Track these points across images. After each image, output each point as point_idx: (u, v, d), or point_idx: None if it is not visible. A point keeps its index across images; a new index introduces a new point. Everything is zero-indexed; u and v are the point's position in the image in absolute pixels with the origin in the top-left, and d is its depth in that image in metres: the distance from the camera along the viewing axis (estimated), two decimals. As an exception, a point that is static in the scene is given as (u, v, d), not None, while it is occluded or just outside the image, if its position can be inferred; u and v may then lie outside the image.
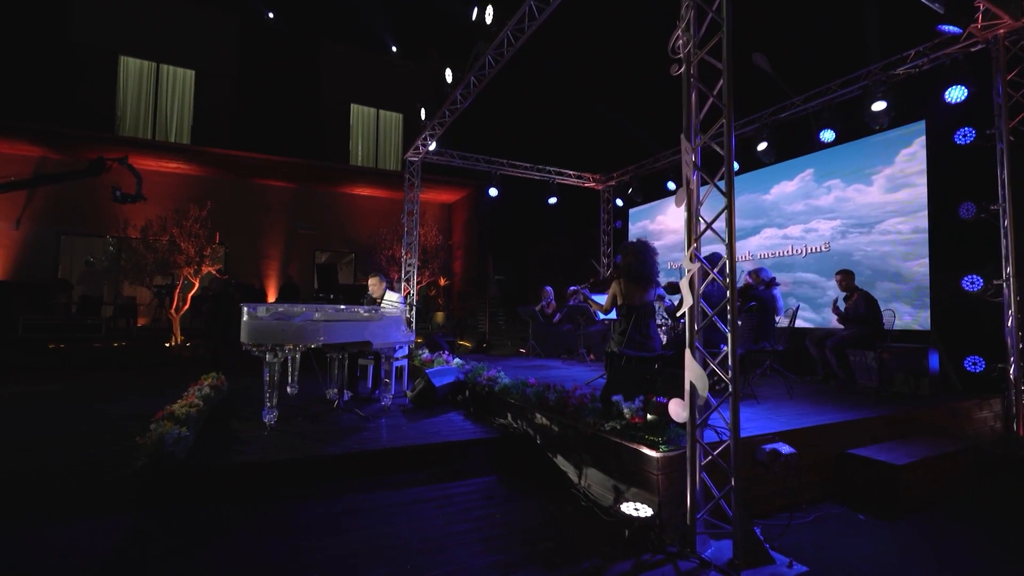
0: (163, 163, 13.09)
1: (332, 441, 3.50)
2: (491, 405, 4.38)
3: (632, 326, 3.69)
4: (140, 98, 13.47)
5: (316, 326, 3.77)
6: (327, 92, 15.38)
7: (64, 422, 4.40)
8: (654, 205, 9.92)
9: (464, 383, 4.97)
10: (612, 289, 3.91)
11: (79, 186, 12.49)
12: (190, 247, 9.29)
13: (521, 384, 4.04)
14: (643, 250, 3.80)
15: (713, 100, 2.65)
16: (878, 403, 4.10)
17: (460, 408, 4.73)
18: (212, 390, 4.59)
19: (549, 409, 3.50)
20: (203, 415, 3.86)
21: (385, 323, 4.43)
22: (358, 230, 14.96)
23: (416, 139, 8.03)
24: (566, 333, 8.06)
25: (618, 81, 10.30)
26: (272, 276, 14.55)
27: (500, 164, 9.35)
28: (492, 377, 4.49)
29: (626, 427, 2.78)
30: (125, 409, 4.86)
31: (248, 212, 14.07)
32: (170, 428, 3.02)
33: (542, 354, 8.16)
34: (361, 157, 15.68)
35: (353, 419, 4.18)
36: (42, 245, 12.24)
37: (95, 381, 6.98)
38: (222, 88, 14.17)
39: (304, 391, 5.26)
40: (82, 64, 12.75)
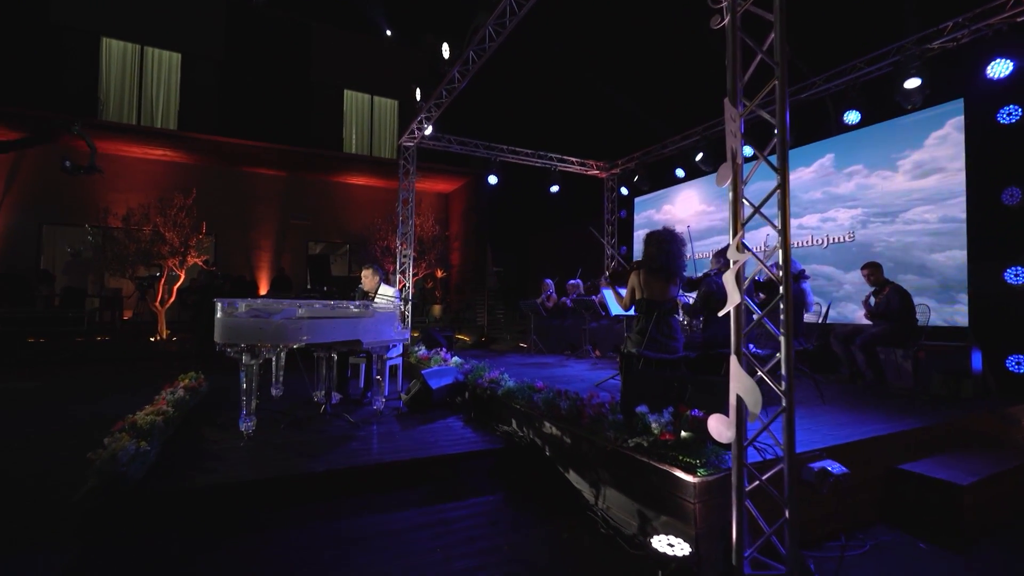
0: (148, 150, 12.56)
1: (316, 454, 3.10)
2: (494, 410, 3.99)
3: (653, 324, 3.29)
4: (124, 82, 12.88)
5: (299, 324, 3.36)
6: (319, 77, 14.80)
7: (25, 426, 3.99)
8: (661, 194, 9.49)
9: (464, 384, 4.59)
10: (631, 282, 3.51)
11: (62, 174, 11.99)
12: (175, 237, 8.82)
13: (527, 388, 3.65)
14: (668, 240, 3.39)
15: (762, 57, 2.22)
16: (919, 408, 3.72)
17: (459, 412, 4.34)
18: (187, 392, 4.19)
19: (561, 418, 3.11)
20: (173, 423, 3.46)
21: (378, 320, 4.02)
22: (352, 220, 14.50)
23: (412, 123, 7.56)
24: (569, 328, 7.67)
25: (625, 61, 9.81)
26: (264, 268, 14.09)
27: (500, 150, 8.89)
28: (495, 379, 4.10)
29: (655, 444, 2.39)
30: (97, 410, 4.45)
31: (238, 201, 13.57)
32: (126, 443, 2.61)
33: (544, 350, 7.77)
34: (355, 145, 15.15)
35: (342, 426, 3.79)
36: (23, 235, 11.74)
37: (73, 378, 6.57)
38: (209, 72, 13.59)
39: (290, 391, 4.86)
40: (63, 46, 12.15)
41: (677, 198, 9.12)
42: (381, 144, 15.57)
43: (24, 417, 4.30)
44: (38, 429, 3.91)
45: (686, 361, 3.40)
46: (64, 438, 3.65)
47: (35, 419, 4.22)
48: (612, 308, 4.37)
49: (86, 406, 4.74)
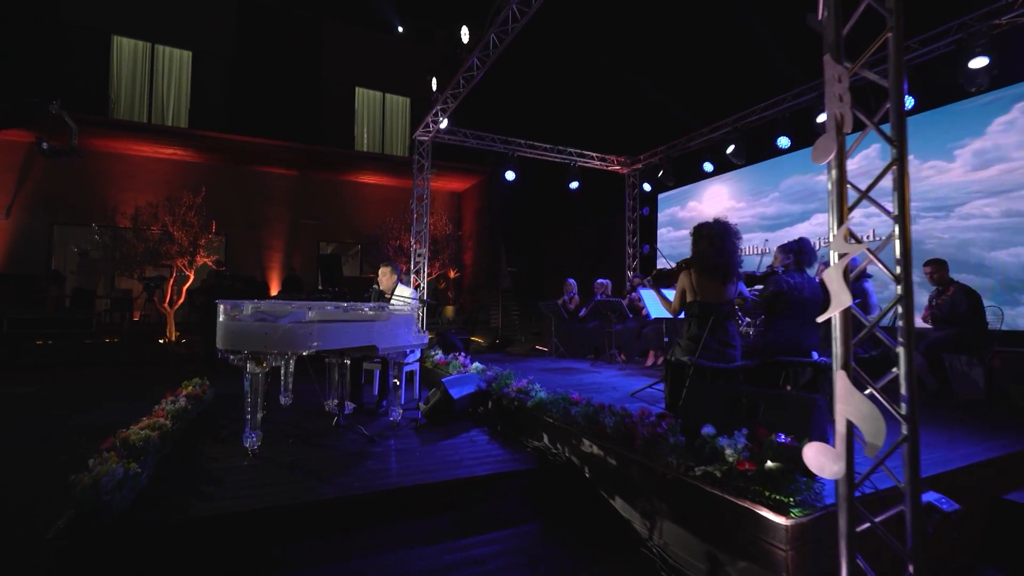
0: (159, 148, 12.40)
1: (328, 475, 2.75)
2: (523, 424, 3.62)
3: (708, 330, 2.89)
4: (135, 80, 12.75)
5: (309, 329, 3.01)
6: (330, 74, 14.57)
7: (13, 438, 3.69)
8: (686, 190, 9.06)
9: (487, 393, 4.22)
10: (681, 283, 3.12)
11: (73, 174, 11.89)
12: (183, 236, 8.57)
13: (562, 400, 3.27)
14: (721, 233, 2.99)
15: (870, 4, 1.81)
16: (1011, 424, 3.28)
17: (482, 423, 3.97)
18: (189, 401, 3.87)
19: (605, 437, 2.72)
20: (170, 438, 3.13)
21: (394, 323, 3.67)
22: (364, 220, 14.22)
23: (426, 115, 7.22)
24: (593, 331, 7.27)
25: (650, 50, 9.37)
26: (275, 268, 13.88)
27: (517, 145, 8.53)
28: (523, 389, 3.73)
29: (730, 475, 2.00)
30: (95, 419, 4.14)
31: (249, 201, 13.38)
32: (113, 466, 2.28)
33: (566, 354, 7.38)
34: (367, 143, 14.90)
35: (356, 440, 3.44)
36: (34, 235, 11.62)
37: (76, 382, 6.31)
38: (219, 70, 13.42)
39: (300, 400, 4.54)
40: (73, 44, 12.04)
41: (704, 194, 8.68)
42: (393, 142, 15.30)
43: (14, 426, 4.02)
44: (27, 441, 3.62)
45: (744, 371, 3.00)
46: (53, 452, 3.34)
47: (26, 429, 3.93)
48: (652, 310, 3.98)
49: (84, 414, 4.44)
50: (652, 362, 6.30)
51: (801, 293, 3.15)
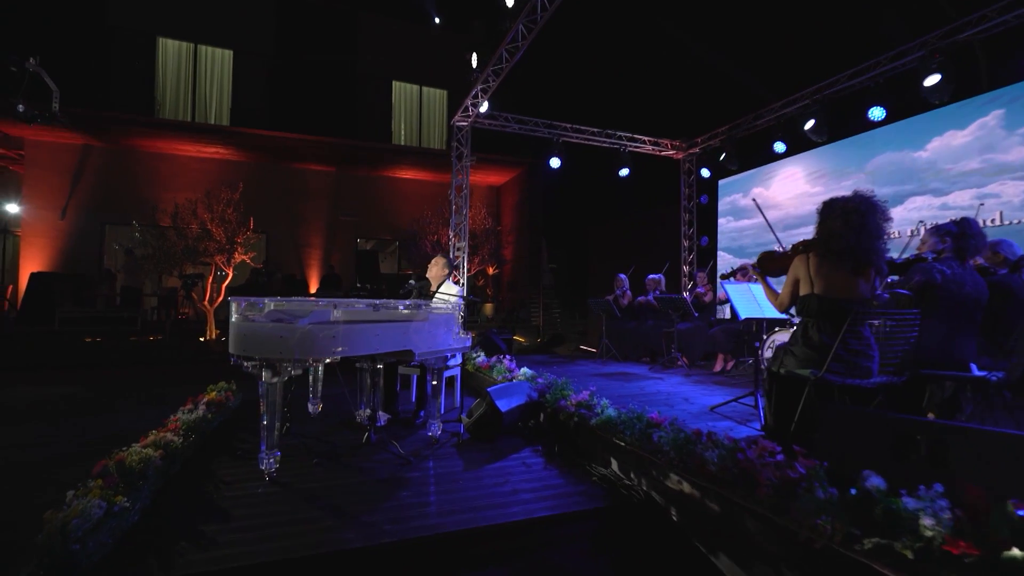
0: (201, 147, 12.51)
1: (353, 511, 2.25)
2: (585, 445, 3.01)
3: (839, 337, 2.19)
4: (179, 80, 12.93)
5: (331, 332, 2.52)
6: (366, 68, 14.38)
7: (25, 446, 3.40)
8: (751, 174, 8.16)
9: (538, 404, 3.64)
10: (794, 271, 2.43)
11: (122, 175, 12.16)
12: (221, 233, 8.42)
13: (637, 420, 2.65)
14: (862, 209, 2.28)
15: None
16: None
17: (534, 440, 3.40)
18: (210, 410, 3.48)
19: (705, 475, 2.08)
20: (179, 456, 2.71)
21: (433, 324, 3.15)
22: (401, 216, 13.94)
23: (465, 98, 6.70)
24: (650, 331, 6.57)
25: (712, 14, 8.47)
26: (314, 266, 13.81)
27: (563, 129, 7.89)
28: (585, 403, 3.12)
29: (927, 556, 1.33)
30: (117, 426, 3.83)
31: (288, 199, 13.35)
32: (90, 503, 1.84)
33: (618, 356, 6.70)
34: (404, 137, 14.64)
35: (390, 461, 2.93)
36: (87, 235, 11.93)
37: (116, 381, 6.17)
38: (259, 67, 13.44)
39: (330, 406, 4.11)
40: (120, 47, 12.29)
41: (774, 178, 7.76)
42: (430, 136, 14.98)
43: (32, 432, 3.75)
44: (36, 452, 3.31)
45: (886, 388, 2.28)
46: (58, 467, 2.99)
47: (42, 435, 3.64)
48: (743, 309, 3.28)
49: (113, 417, 4.16)
50: (721, 367, 5.55)
51: (961, 288, 2.39)
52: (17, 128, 11.10)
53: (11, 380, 5.93)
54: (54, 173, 11.65)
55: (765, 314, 3.31)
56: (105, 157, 12.05)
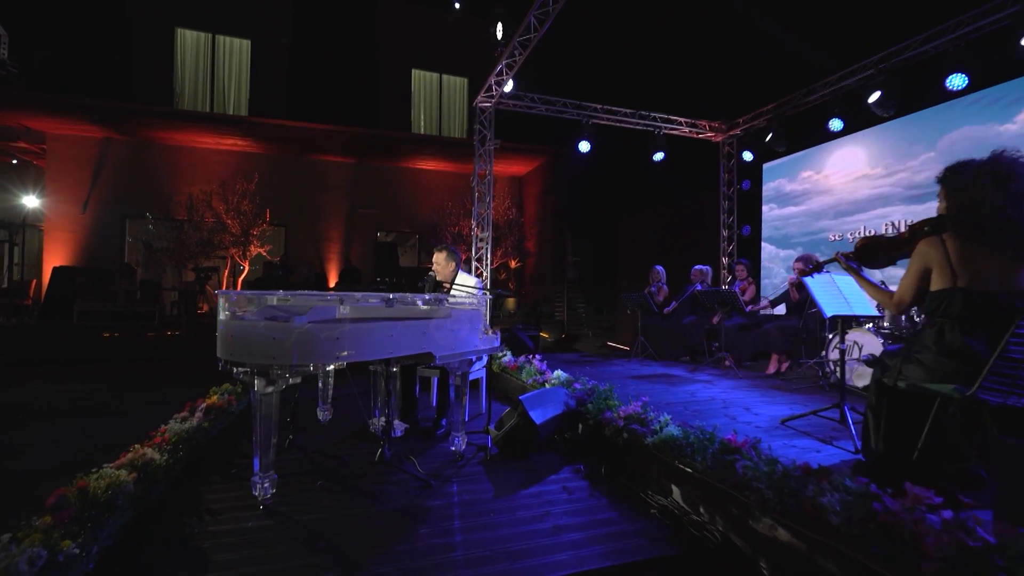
0: (220, 139, 12.30)
1: (360, 557, 1.80)
2: (638, 466, 2.52)
3: (1002, 343, 1.64)
4: (198, 71, 12.77)
5: (334, 332, 2.07)
6: (386, 57, 14.02)
7: (11, 455, 3.08)
8: (800, 157, 7.46)
9: (576, 413, 3.16)
10: (921, 258, 1.88)
11: (143, 168, 12.07)
12: (235, 225, 8.13)
13: (707, 441, 2.14)
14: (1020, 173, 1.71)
15: None
16: None
17: (572, 457, 2.92)
18: (208, 417, 3.10)
19: (817, 524, 1.56)
20: (160, 477, 2.31)
21: (456, 322, 2.69)
22: (422, 209, 13.57)
23: (489, 76, 6.20)
24: (690, 328, 6.00)
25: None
26: (333, 260, 13.57)
27: (593, 110, 7.33)
28: (637, 416, 2.62)
29: None
30: (118, 429, 3.49)
31: (307, 191, 13.11)
32: (29, 552, 1.44)
33: (655, 356, 6.15)
34: (424, 126, 14.25)
35: (406, 484, 2.49)
36: (108, 229, 11.87)
37: (129, 378, 5.92)
38: (278, 57, 13.20)
39: (342, 412, 3.70)
40: (139, 39, 12.16)
41: (827, 160, 7.06)
42: (451, 125, 14.57)
43: (29, 434, 3.43)
44: (23, 460, 2.97)
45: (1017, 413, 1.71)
46: (43, 478, 2.61)
47: (38, 439, 3.31)
48: (828, 306, 2.72)
49: (113, 420, 3.83)
50: (775, 369, 4.96)
51: None
52: (39, 122, 11.07)
53: (24, 376, 5.72)
54: (75, 167, 11.59)
55: (854, 310, 2.75)
56: (125, 150, 11.95)
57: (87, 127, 11.28)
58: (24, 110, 10.42)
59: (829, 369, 4.15)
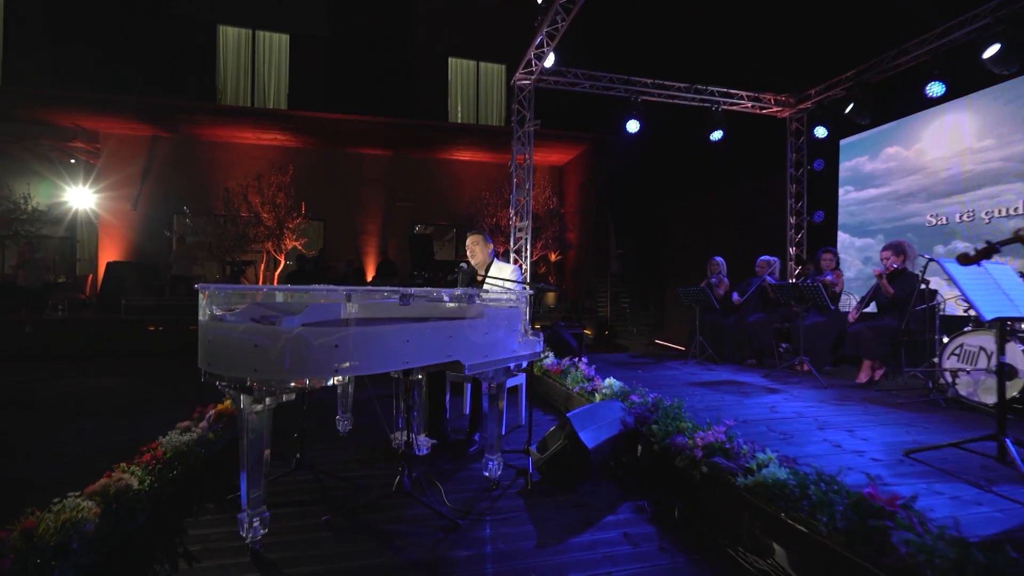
0: (261, 134, 12.37)
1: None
2: (723, 510, 1.95)
3: None
4: (239, 67, 12.87)
5: (333, 337, 1.62)
6: (422, 45, 13.72)
7: (16, 458, 2.84)
8: (885, 130, 6.50)
9: (635, 433, 2.61)
10: None
11: (189, 164, 12.30)
12: (271, 218, 7.98)
13: (833, 492, 1.55)
14: None
15: None
16: None
17: (631, 488, 2.37)
18: (215, 426, 2.75)
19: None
20: (139, 508, 1.94)
21: (491, 324, 2.19)
22: (459, 201, 13.22)
23: (528, 49, 5.66)
24: (754, 327, 5.28)
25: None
26: (371, 253, 13.46)
27: (642, 86, 6.64)
28: (719, 446, 2.04)
29: None
30: (144, 428, 3.21)
31: (345, 185, 13.04)
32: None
33: (716, 358, 5.46)
34: (461, 115, 13.88)
35: (428, 521, 2.03)
36: (157, 224, 12.15)
37: (165, 372, 5.82)
38: (316, 50, 13.13)
39: (364, 421, 3.30)
40: (183, 37, 12.34)
41: (921, 132, 6.08)
42: (488, 113, 14.12)
43: (41, 436, 3.22)
44: (20, 468, 2.72)
45: None
46: (31, 490, 2.32)
47: (49, 442, 3.08)
48: (985, 305, 2.04)
49: (136, 419, 3.58)
50: (868, 378, 4.20)
51: None
52: (93, 122, 11.42)
53: (65, 370, 5.69)
54: (126, 164, 11.91)
55: (1022, 310, 2.06)
56: (171, 148, 12.20)
57: (136, 125, 11.56)
58: (79, 110, 10.74)
59: (945, 381, 3.39)
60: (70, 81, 10.87)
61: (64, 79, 10.96)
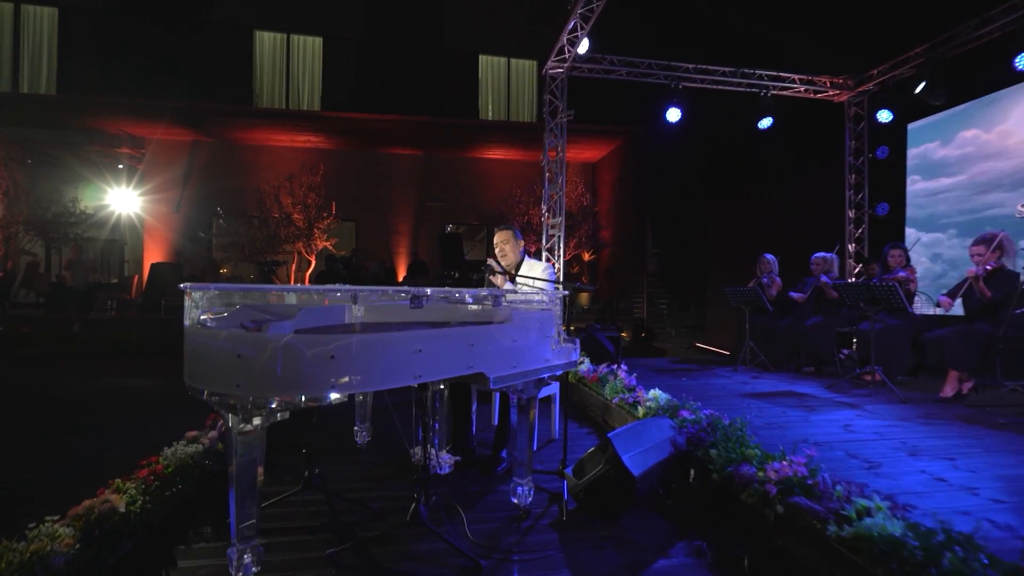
0: (295, 136, 12.54)
1: None
2: (807, 561, 1.57)
3: None
4: (274, 71, 13.08)
5: (330, 345, 1.35)
6: (453, 44, 13.61)
7: (26, 462, 2.74)
8: (959, 112, 5.83)
9: (686, 456, 2.25)
10: None
11: (227, 168, 12.57)
12: (301, 218, 7.95)
13: (973, 557, 1.16)
14: None
15: None
16: None
17: (684, 523, 2.02)
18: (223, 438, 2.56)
19: None
20: (124, 535, 1.74)
21: (520, 329, 1.89)
22: (490, 200, 13.01)
23: (560, 34, 5.33)
24: (813, 332, 4.77)
25: None
26: (402, 254, 13.43)
27: (683, 71, 6.19)
28: (801, 481, 1.66)
29: None
30: (170, 429, 3.08)
31: (376, 185, 13.06)
32: None
33: (769, 365, 4.97)
34: (492, 113, 13.68)
35: (445, 559, 1.74)
36: (199, 227, 12.46)
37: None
38: (348, 52, 13.20)
39: (385, 433, 3.06)
40: (221, 43, 12.62)
41: (1006, 112, 5.39)
42: (519, 110, 13.87)
43: (64, 436, 3.13)
44: (26, 475, 2.60)
45: None
46: (25, 503, 2.19)
47: (70, 444, 2.98)
48: None
49: (163, 420, 3.44)
50: (954, 391, 3.65)
51: None
52: (138, 128, 11.81)
53: (102, 369, 5.70)
54: (169, 168, 12.26)
55: None
56: (211, 151, 12.51)
57: (178, 130, 11.88)
58: (125, 117, 11.09)
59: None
60: (116, 89, 11.28)
61: (111, 87, 11.37)
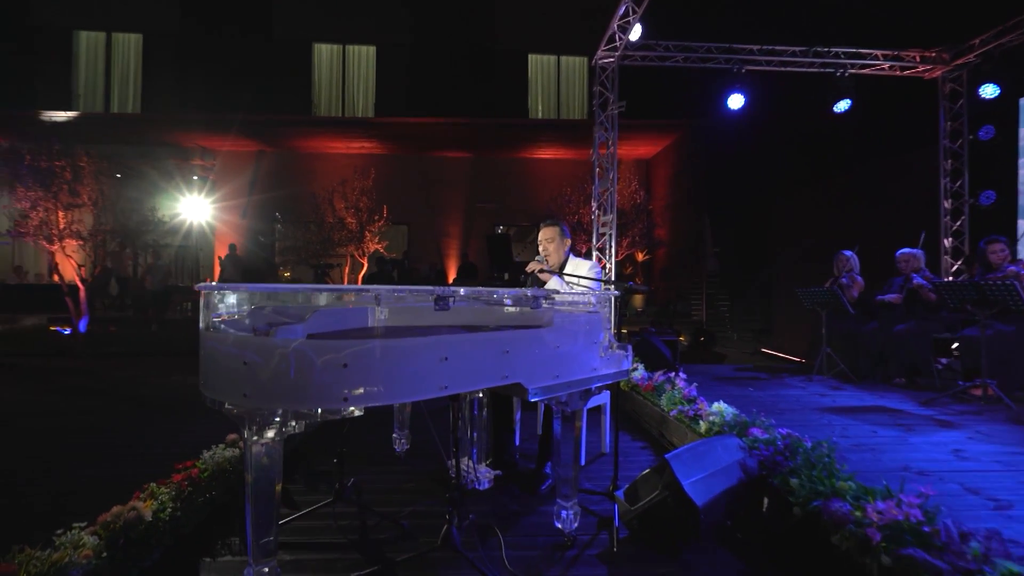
0: (350, 143, 12.96)
1: None
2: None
3: None
4: (331, 82, 13.58)
5: (344, 352, 1.20)
6: (503, 44, 13.55)
7: (49, 471, 2.82)
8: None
9: (759, 482, 1.93)
10: None
11: (288, 175, 13.19)
12: (353, 222, 8.12)
13: None
14: None
15: None
16: None
17: (758, 563, 1.71)
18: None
19: None
20: (155, 539, 1.68)
21: (563, 333, 1.67)
22: (539, 200, 12.80)
23: (611, 21, 5.04)
24: (904, 338, 4.18)
25: None
26: (453, 256, 13.53)
27: (747, 53, 5.71)
28: (914, 530, 1.33)
29: None
30: (203, 432, 3.12)
31: (427, 188, 13.25)
32: None
33: (851, 376, 4.41)
34: (541, 112, 13.52)
35: (480, 593, 1.55)
36: (263, 233, 13.13)
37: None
38: (400, 58, 13.48)
39: (421, 439, 2.92)
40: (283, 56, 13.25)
41: None
42: (569, 108, 13.62)
43: (107, 441, 3.24)
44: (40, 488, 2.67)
45: None
46: (25, 518, 2.20)
47: (100, 448, 3.07)
48: None
49: (199, 424, 3.54)
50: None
51: None
52: (209, 140, 12.62)
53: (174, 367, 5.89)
54: (236, 177, 13.01)
55: None
56: (273, 160, 13.17)
57: (244, 142, 12.58)
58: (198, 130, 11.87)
59: None
60: (192, 104, 12.11)
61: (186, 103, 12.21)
